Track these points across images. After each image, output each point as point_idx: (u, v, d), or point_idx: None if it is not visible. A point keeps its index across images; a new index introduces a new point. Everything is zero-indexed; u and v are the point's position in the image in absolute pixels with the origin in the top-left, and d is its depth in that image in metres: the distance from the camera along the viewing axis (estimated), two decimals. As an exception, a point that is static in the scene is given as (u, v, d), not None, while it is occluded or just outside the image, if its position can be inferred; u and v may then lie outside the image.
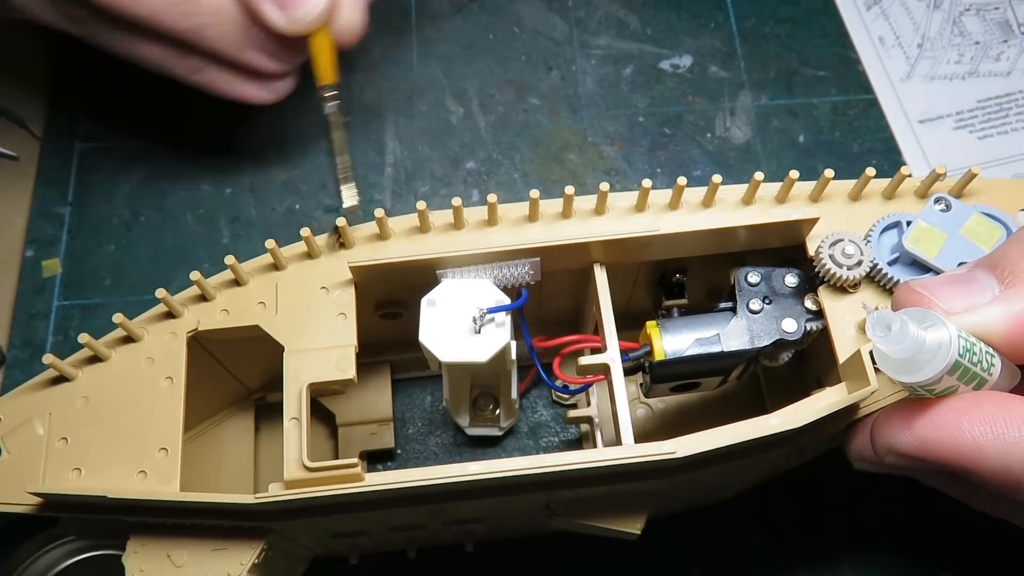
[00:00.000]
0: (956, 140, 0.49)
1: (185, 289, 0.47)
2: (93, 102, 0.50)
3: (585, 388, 0.40)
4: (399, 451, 0.42)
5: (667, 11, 0.53)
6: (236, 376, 0.39)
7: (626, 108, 0.50)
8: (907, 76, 0.51)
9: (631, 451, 0.30)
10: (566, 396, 0.42)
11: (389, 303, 0.37)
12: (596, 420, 0.40)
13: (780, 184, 0.35)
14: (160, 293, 0.33)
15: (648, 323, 0.35)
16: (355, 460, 0.30)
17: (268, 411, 0.41)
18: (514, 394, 0.38)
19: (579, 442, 0.42)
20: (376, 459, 0.42)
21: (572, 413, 0.41)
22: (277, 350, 0.33)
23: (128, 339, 0.34)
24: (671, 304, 0.37)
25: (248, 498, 0.30)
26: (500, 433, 0.41)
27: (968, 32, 0.52)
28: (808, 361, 0.37)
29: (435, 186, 0.48)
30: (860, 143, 0.49)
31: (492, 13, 0.53)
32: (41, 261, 0.47)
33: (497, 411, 0.40)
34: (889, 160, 0.49)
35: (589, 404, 0.41)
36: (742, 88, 0.50)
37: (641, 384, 0.36)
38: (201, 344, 0.34)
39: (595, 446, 0.40)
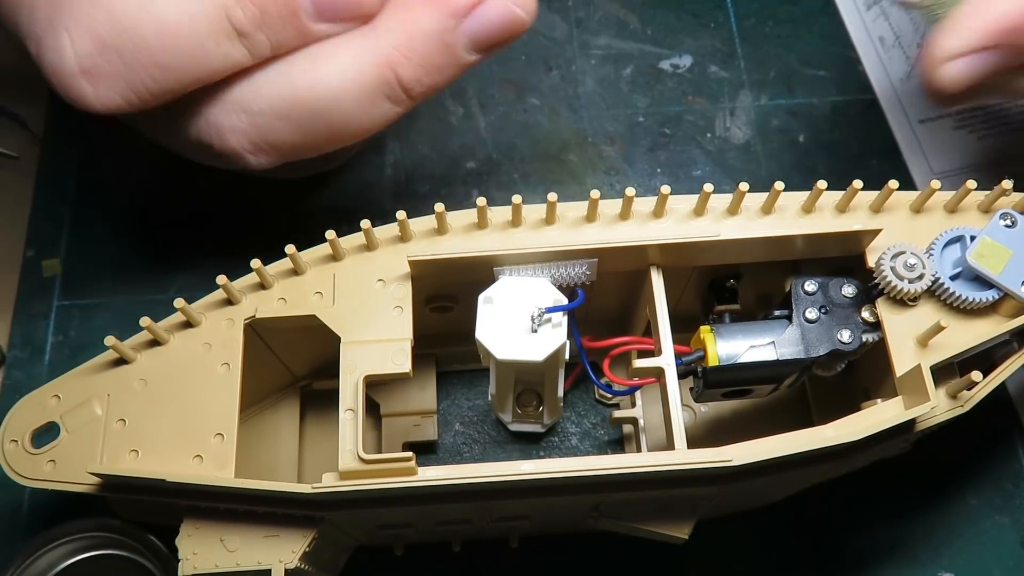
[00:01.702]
0: (956, 140, 0.49)
1: (192, 287, 0.47)
2: (93, 102, 0.50)
3: (634, 390, 0.40)
4: (441, 443, 0.42)
5: (667, 11, 0.53)
6: (284, 363, 0.39)
7: (626, 108, 0.50)
8: (907, 76, 0.51)
9: (688, 457, 0.30)
10: (610, 396, 0.42)
11: (441, 297, 0.37)
12: (641, 422, 0.40)
13: (841, 193, 0.35)
14: (221, 280, 0.33)
15: (702, 328, 0.35)
16: (410, 454, 0.30)
17: (313, 398, 0.41)
18: (560, 392, 0.38)
19: (621, 442, 0.42)
20: (417, 451, 0.42)
21: (617, 414, 0.41)
22: (326, 339, 0.33)
23: (187, 324, 0.34)
24: (723, 309, 0.37)
25: (306, 488, 0.30)
26: (543, 430, 0.41)
27: (968, 32, 0.52)
28: (856, 371, 0.37)
29: (435, 186, 0.48)
30: (860, 143, 0.49)
31: (492, 13, 0.53)
32: (41, 261, 0.46)
33: (540, 408, 0.40)
34: (889, 160, 0.49)
35: (635, 405, 0.41)
36: (742, 88, 0.51)
37: (692, 389, 0.36)
38: (255, 331, 0.35)
39: (639, 448, 0.40)
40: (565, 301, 0.33)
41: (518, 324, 0.33)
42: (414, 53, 0.34)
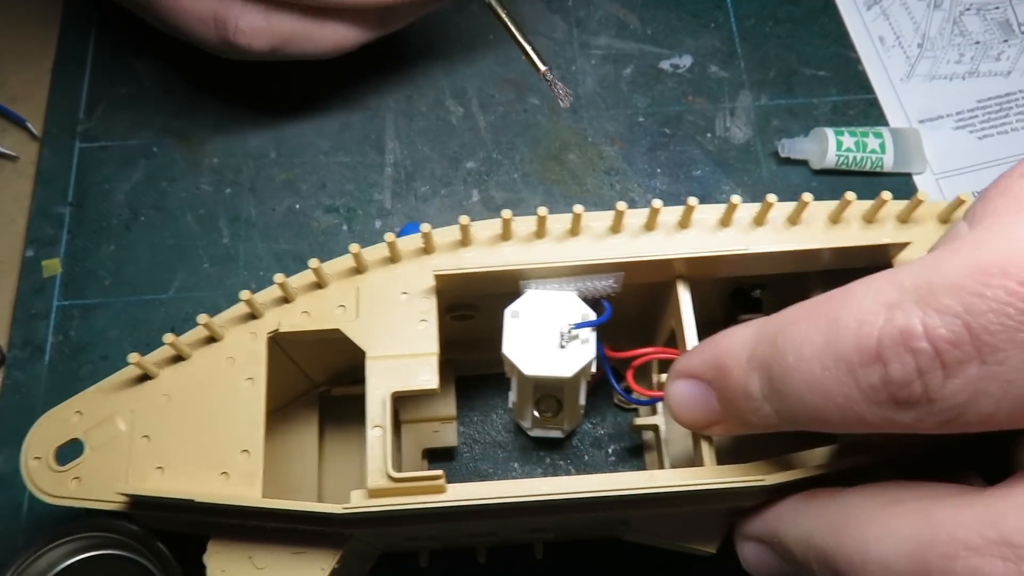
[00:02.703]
0: (956, 140, 0.49)
1: (191, 286, 0.47)
2: (93, 102, 0.50)
3: (657, 400, 0.39)
4: (460, 450, 0.41)
5: (667, 11, 0.52)
6: (304, 371, 0.38)
7: (626, 108, 0.50)
8: (907, 76, 0.51)
9: (718, 475, 0.30)
10: (628, 403, 0.41)
11: (462, 306, 0.36)
12: (663, 429, 0.40)
13: (869, 202, 0.34)
14: (244, 295, 0.32)
15: None
16: (439, 472, 0.30)
17: (331, 404, 0.41)
18: (582, 400, 0.37)
19: (640, 449, 0.41)
20: (437, 457, 0.41)
21: (638, 421, 0.40)
22: (346, 347, 0.33)
23: (210, 339, 0.33)
24: (748, 318, 0.36)
25: (336, 508, 0.30)
26: (563, 436, 0.40)
27: (968, 32, 0.52)
28: None
29: (435, 186, 0.48)
30: (860, 143, 0.49)
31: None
32: (41, 261, 0.46)
33: (560, 415, 0.39)
34: (889, 160, 0.48)
35: (655, 413, 0.40)
36: (742, 88, 0.50)
37: None
38: (276, 343, 0.34)
39: (660, 456, 0.40)
40: (593, 316, 0.33)
41: (546, 339, 0.32)
42: None
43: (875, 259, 0.34)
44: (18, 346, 0.44)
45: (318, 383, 0.40)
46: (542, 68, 0.34)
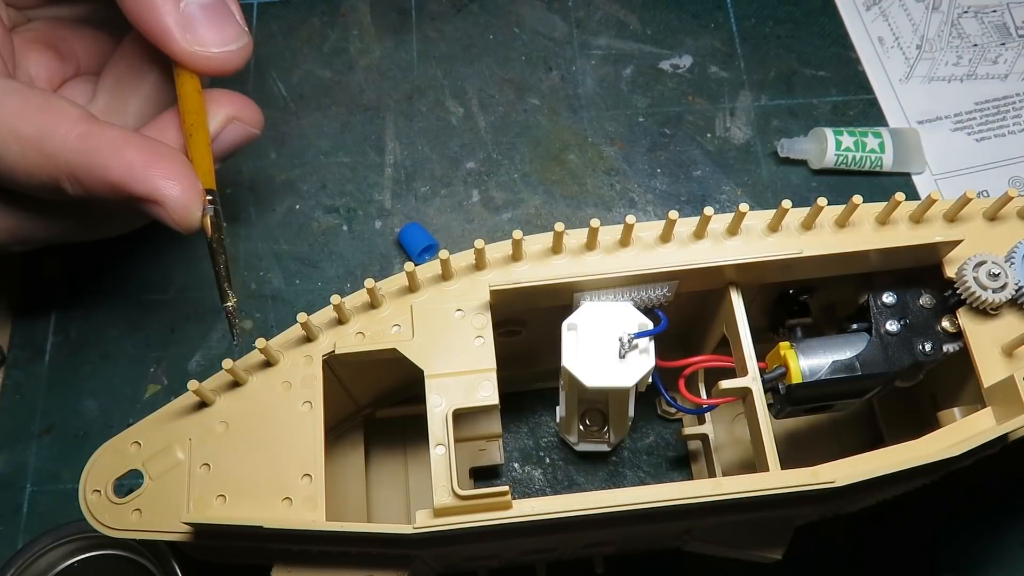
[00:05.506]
0: (955, 142, 0.49)
1: (191, 286, 0.46)
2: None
3: (711, 408, 0.39)
4: (506, 467, 0.40)
5: (667, 11, 0.52)
6: (351, 393, 0.37)
7: (626, 108, 0.50)
8: (906, 77, 0.50)
9: (786, 480, 0.29)
10: (673, 411, 0.41)
11: (510, 322, 0.35)
12: (712, 438, 0.39)
13: (916, 203, 0.33)
14: (301, 317, 0.31)
15: (781, 344, 0.34)
16: (505, 488, 0.29)
17: (372, 427, 0.40)
18: (631, 412, 0.36)
19: (686, 459, 0.41)
20: (482, 475, 0.40)
21: (687, 431, 0.39)
22: (393, 369, 0.32)
23: (265, 363, 0.32)
24: (795, 323, 0.36)
25: (406, 528, 0.29)
26: (609, 449, 0.40)
27: (966, 34, 0.51)
28: (924, 378, 0.36)
29: (435, 186, 0.47)
30: (860, 143, 0.49)
31: (492, 13, 0.52)
32: (41, 261, 0.45)
33: (606, 428, 0.39)
34: (888, 161, 0.48)
35: (703, 422, 0.39)
36: (742, 88, 0.50)
37: (771, 405, 0.34)
38: (328, 365, 0.33)
39: (709, 465, 0.39)
40: (651, 325, 0.32)
41: (604, 350, 0.32)
42: None
43: (924, 257, 0.34)
44: (18, 346, 0.44)
45: (362, 406, 0.39)
46: (229, 302, 0.33)
